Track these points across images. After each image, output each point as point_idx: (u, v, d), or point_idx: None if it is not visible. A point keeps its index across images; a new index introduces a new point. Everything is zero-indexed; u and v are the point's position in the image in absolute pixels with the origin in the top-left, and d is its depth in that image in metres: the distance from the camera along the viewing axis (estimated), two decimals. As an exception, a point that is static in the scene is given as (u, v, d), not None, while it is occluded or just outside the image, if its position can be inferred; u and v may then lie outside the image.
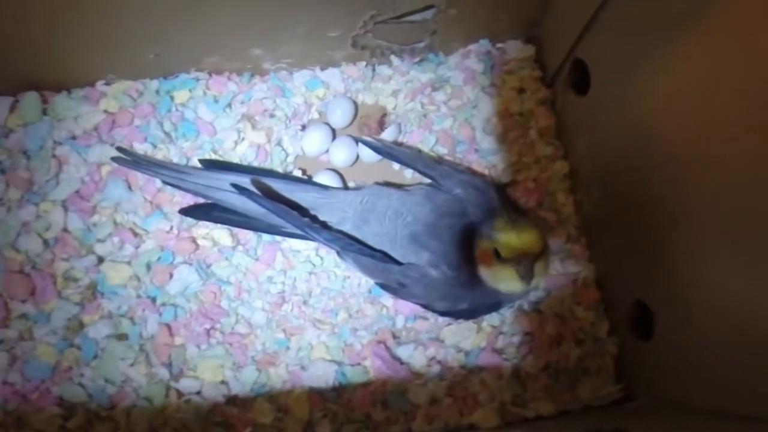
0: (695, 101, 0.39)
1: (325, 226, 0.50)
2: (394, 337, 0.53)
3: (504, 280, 0.44)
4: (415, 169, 0.54)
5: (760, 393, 0.36)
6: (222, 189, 0.51)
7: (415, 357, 0.52)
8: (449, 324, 0.53)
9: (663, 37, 0.40)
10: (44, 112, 0.55)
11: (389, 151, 0.54)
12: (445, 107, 0.58)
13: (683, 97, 0.40)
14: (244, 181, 0.51)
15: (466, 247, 0.46)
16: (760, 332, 0.35)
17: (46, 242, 0.52)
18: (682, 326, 0.43)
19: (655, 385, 0.48)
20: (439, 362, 0.52)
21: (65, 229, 0.53)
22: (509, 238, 0.43)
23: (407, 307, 0.53)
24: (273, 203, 0.49)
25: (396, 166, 0.57)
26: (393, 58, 0.58)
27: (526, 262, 0.43)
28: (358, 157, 0.57)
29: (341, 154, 0.56)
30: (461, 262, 0.47)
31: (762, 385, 0.36)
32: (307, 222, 0.49)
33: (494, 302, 0.49)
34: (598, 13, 0.47)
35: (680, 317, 0.43)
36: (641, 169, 0.45)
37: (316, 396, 0.51)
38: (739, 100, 0.34)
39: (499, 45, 0.59)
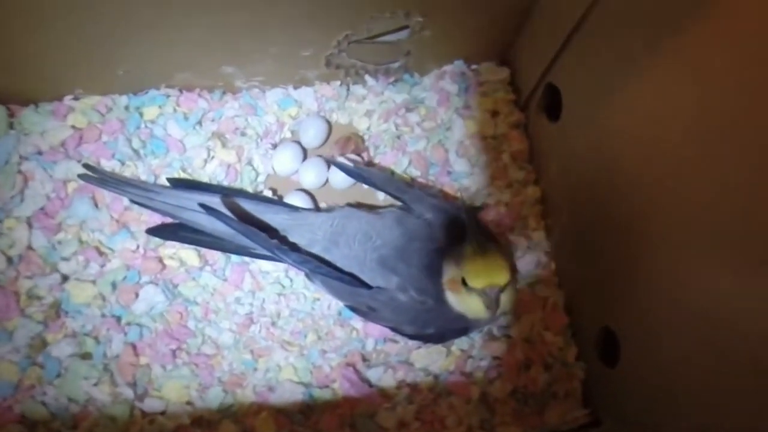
0: (656, 130, 0.39)
1: (294, 247, 0.50)
2: (364, 359, 0.52)
3: (470, 308, 0.45)
4: (386, 192, 0.53)
5: (721, 418, 0.36)
6: (190, 209, 0.50)
7: (385, 380, 0.52)
8: (419, 347, 0.52)
9: (628, 67, 0.40)
10: (11, 126, 0.54)
11: (361, 173, 0.53)
12: (419, 128, 0.57)
13: (646, 126, 0.40)
14: (213, 201, 0.50)
15: (435, 273, 0.46)
16: (720, 357, 0.35)
17: (9, 259, 0.51)
18: (646, 353, 0.43)
19: (621, 410, 0.48)
20: (409, 385, 0.52)
21: (29, 247, 0.52)
22: (477, 268, 0.43)
23: (377, 329, 0.53)
24: (241, 224, 0.49)
25: (367, 186, 0.57)
26: (367, 78, 0.57)
27: (493, 293, 0.43)
28: (328, 178, 0.56)
29: (311, 175, 0.55)
30: (429, 287, 0.47)
31: (722, 410, 0.36)
32: (275, 244, 0.49)
33: (462, 327, 0.49)
34: (569, 39, 0.47)
35: (644, 344, 0.44)
36: (607, 196, 0.45)
37: (283, 418, 0.50)
38: (696, 130, 0.35)
39: (473, 66, 0.59)
